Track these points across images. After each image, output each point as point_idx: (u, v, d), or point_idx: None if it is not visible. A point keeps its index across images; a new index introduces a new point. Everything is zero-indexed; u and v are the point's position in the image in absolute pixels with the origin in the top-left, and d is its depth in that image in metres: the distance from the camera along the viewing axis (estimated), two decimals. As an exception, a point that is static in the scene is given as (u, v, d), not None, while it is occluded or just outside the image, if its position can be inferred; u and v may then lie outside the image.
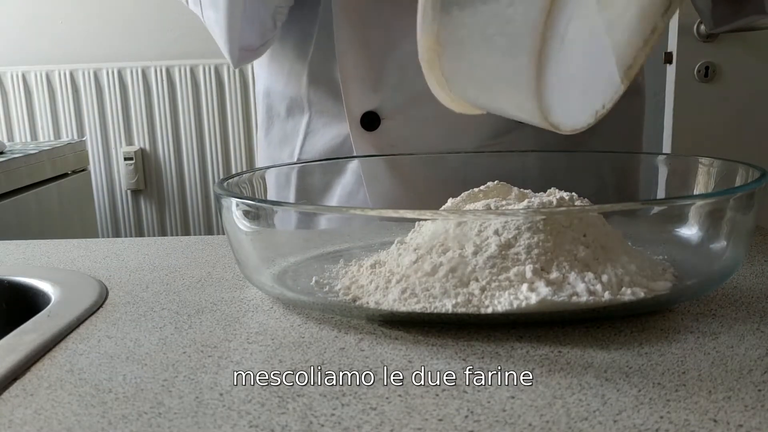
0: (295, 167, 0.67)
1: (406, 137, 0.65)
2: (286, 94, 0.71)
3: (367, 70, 0.63)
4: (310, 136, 0.70)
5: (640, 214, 0.43)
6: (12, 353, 0.36)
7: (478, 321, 0.37)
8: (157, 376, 0.34)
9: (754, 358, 0.33)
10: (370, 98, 0.64)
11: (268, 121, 0.74)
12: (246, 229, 0.43)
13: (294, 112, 0.70)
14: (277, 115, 0.72)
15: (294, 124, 0.71)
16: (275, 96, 0.72)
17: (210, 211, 2.15)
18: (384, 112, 0.64)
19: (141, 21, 2.08)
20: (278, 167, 0.68)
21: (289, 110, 0.71)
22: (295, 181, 0.66)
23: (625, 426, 0.28)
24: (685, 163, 0.54)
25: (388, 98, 0.64)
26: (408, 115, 0.65)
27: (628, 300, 0.37)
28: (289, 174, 0.67)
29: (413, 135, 0.65)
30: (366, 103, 0.64)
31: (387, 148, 0.65)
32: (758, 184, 0.40)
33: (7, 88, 2.09)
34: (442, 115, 0.65)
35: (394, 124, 0.65)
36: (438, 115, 0.64)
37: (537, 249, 0.38)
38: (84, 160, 1.82)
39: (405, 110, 0.65)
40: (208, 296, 0.46)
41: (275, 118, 0.73)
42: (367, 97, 0.64)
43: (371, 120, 0.65)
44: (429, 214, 0.41)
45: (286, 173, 0.67)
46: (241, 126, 2.08)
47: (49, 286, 0.48)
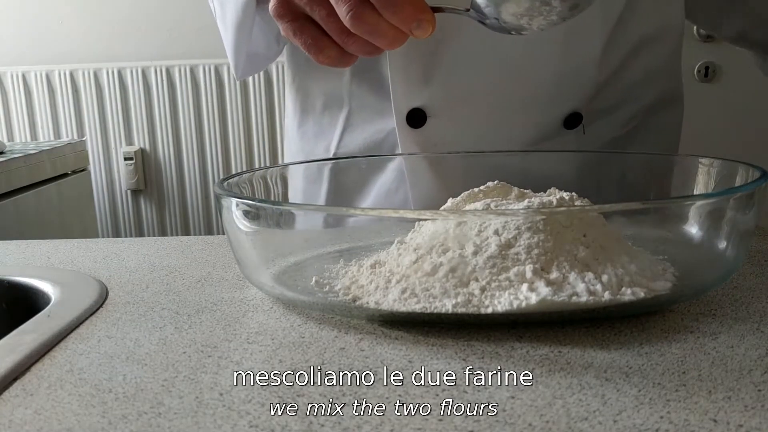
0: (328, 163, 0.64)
1: (451, 136, 0.64)
2: (323, 87, 0.69)
3: (417, 66, 0.62)
4: (349, 131, 0.68)
5: (640, 214, 0.43)
6: (12, 353, 0.36)
7: (478, 321, 0.37)
8: (157, 376, 0.34)
9: (754, 358, 0.33)
10: (418, 94, 0.63)
11: (302, 113, 0.72)
12: (246, 229, 0.43)
13: (331, 105, 0.69)
14: (312, 108, 0.71)
15: (331, 118, 0.69)
16: (311, 89, 0.71)
17: (210, 211, 2.15)
18: (431, 109, 0.63)
19: (141, 21, 2.07)
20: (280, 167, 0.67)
21: (326, 103, 0.69)
22: (327, 176, 0.64)
23: (625, 426, 0.28)
24: (685, 163, 0.54)
25: (437, 95, 0.63)
26: (455, 114, 0.64)
27: (628, 300, 0.37)
28: (321, 169, 0.65)
29: (458, 134, 0.64)
30: (413, 99, 0.63)
31: (430, 147, 0.64)
32: (758, 184, 0.40)
33: (7, 88, 2.09)
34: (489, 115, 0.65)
35: (440, 122, 0.63)
36: (484, 116, 0.64)
37: (537, 249, 0.38)
38: (84, 160, 1.82)
39: (452, 109, 0.63)
40: (208, 296, 0.46)
41: (310, 111, 0.71)
42: (415, 93, 0.63)
43: (417, 117, 0.63)
44: (429, 214, 0.41)
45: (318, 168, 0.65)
46: (241, 126, 2.08)
47: (49, 286, 0.48)
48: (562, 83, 0.64)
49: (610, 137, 0.68)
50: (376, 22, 0.43)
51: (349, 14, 0.43)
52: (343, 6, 0.43)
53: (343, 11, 0.43)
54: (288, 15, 0.47)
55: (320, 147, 0.71)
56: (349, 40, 0.45)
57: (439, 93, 0.63)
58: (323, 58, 0.47)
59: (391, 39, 0.44)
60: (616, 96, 0.67)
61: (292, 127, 0.74)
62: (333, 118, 0.69)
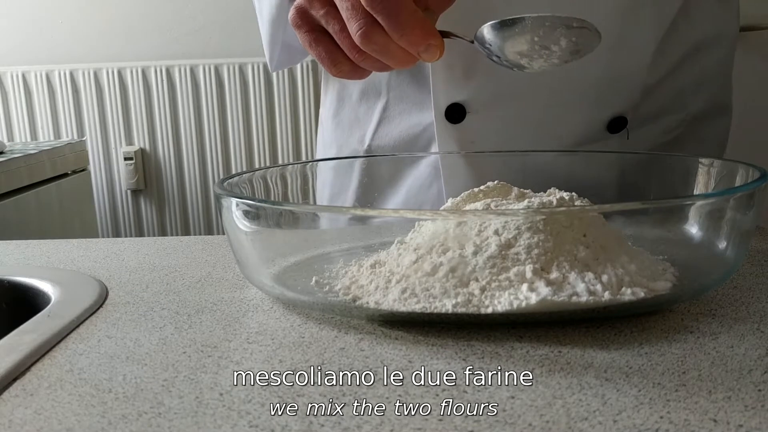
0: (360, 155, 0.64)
1: (489, 134, 0.63)
2: None
3: (460, 60, 0.60)
4: (385, 122, 0.67)
5: (640, 214, 0.43)
6: (12, 353, 0.36)
7: (478, 321, 0.37)
8: (157, 376, 0.34)
9: (754, 358, 0.33)
10: (458, 89, 0.61)
11: (338, 102, 0.71)
12: (246, 229, 0.43)
13: (369, 95, 0.68)
14: (349, 96, 0.70)
15: (367, 108, 0.68)
16: None
17: (210, 211, 2.15)
18: (471, 105, 0.62)
19: (141, 21, 2.07)
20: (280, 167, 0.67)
21: (363, 93, 0.68)
22: (359, 169, 0.63)
23: (625, 426, 0.28)
24: (685, 163, 0.54)
25: (477, 91, 0.61)
26: (495, 111, 0.62)
27: (628, 300, 0.37)
28: (353, 161, 0.64)
29: (496, 132, 0.63)
30: (454, 94, 0.62)
31: (467, 144, 0.63)
32: (758, 184, 0.40)
33: (7, 88, 2.09)
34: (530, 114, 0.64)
35: (479, 118, 0.62)
36: (525, 115, 0.63)
37: (537, 249, 0.38)
38: (84, 160, 1.82)
39: (492, 105, 0.62)
40: (208, 296, 0.46)
41: (346, 100, 0.70)
42: (456, 88, 0.61)
43: (455, 112, 0.62)
44: (429, 214, 0.41)
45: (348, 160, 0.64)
46: (241, 126, 2.08)
47: (49, 286, 0.48)
48: (608, 86, 0.62)
49: (654, 143, 0.66)
50: (385, 43, 0.43)
51: (359, 33, 0.43)
52: (354, 24, 0.43)
53: (353, 29, 0.43)
54: (305, 26, 0.47)
55: (354, 137, 0.69)
56: (360, 57, 0.45)
57: (480, 89, 0.61)
58: (336, 72, 0.47)
59: (400, 60, 0.44)
60: (663, 102, 0.65)
61: (327, 116, 0.73)
62: (370, 108, 0.68)
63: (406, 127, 0.66)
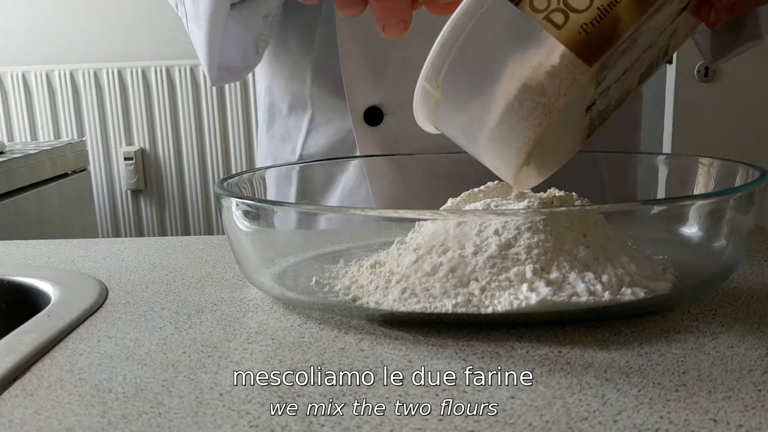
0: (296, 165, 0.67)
1: (409, 133, 0.64)
2: (288, 90, 0.71)
3: (369, 64, 0.63)
4: (312, 133, 0.70)
5: (640, 214, 0.43)
6: (12, 353, 0.36)
7: (478, 321, 0.37)
8: (157, 376, 0.34)
9: (754, 358, 0.33)
10: (372, 93, 0.64)
11: (269, 117, 0.74)
12: (246, 229, 0.43)
13: (296, 108, 0.71)
14: (279, 111, 0.72)
15: (296, 120, 0.71)
16: (277, 92, 0.72)
17: (210, 211, 2.15)
18: (387, 107, 0.64)
19: (141, 21, 2.08)
20: (279, 167, 0.68)
21: (291, 107, 0.71)
22: (296, 177, 0.66)
23: (625, 426, 0.28)
24: (685, 163, 0.54)
25: (391, 93, 0.64)
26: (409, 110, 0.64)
27: (628, 300, 0.37)
28: (290, 171, 0.67)
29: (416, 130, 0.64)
30: (368, 97, 0.64)
31: (390, 143, 0.65)
32: (758, 184, 0.40)
33: (7, 88, 2.09)
34: None
35: (396, 119, 0.64)
36: None
37: (537, 249, 0.38)
38: (84, 160, 1.82)
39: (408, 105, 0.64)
40: (208, 296, 0.46)
41: (277, 115, 0.73)
42: (370, 91, 0.64)
43: (374, 115, 0.65)
44: (429, 214, 0.41)
45: (287, 170, 0.67)
46: (241, 126, 2.08)
47: (49, 286, 0.48)
48: None
49: None
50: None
51: None
52: None
53: None
54: None
55: (287, 149, 0.72)
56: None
57: (392, 90, 0.64)
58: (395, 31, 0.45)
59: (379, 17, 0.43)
60: None
61: (262, 131, 0.76)
62: (298, 121, 0.71)
63: (331, 134, 0.69)
